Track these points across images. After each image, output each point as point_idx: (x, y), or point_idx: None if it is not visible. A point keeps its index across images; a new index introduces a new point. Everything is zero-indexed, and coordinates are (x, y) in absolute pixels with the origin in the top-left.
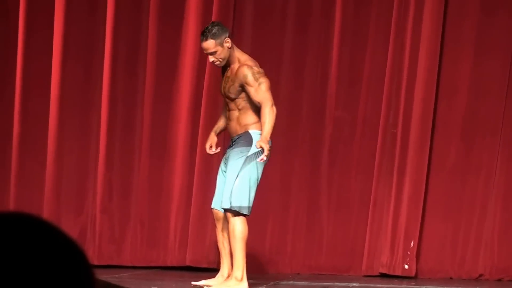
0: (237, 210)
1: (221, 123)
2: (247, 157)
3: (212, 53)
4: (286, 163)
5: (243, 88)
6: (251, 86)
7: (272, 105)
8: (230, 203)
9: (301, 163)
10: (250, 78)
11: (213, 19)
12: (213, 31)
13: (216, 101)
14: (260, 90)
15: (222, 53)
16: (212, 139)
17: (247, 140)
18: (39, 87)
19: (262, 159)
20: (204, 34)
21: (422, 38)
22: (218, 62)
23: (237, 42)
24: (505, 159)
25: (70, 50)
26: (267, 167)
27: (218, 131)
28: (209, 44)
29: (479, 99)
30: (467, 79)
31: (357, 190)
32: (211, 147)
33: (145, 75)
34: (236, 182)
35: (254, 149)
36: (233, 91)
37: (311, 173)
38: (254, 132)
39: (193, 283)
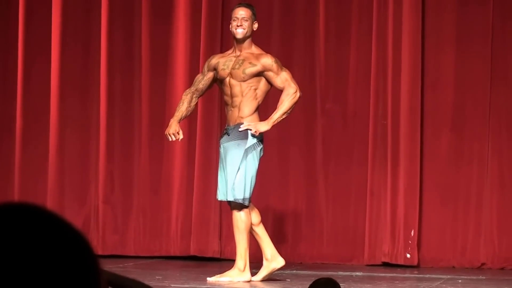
0: (241, 202)
1: (184, 111)
2: (245, 149)
3: (244, 19)
4: (282, 155)
5: (260, 74)
6: (275, 73)
7: (293, 89)
8: (234, 195)
9: (297, 155)
10: (272, 61)
11: (203, 18)
12: (254, 8)
13: (210, 94)
14: (280, 74)
15: (250, 27)
16: (178, 126)
17: (243, 132)
18: (40, 83)
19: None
20: (244, 4)
21: (403, 32)
22: (241, 30)
23: (226, 41)
24: (496, 148)
25: (67, 48)
26: (264, 159)
27: (181, 119)
28: (248, 11)
29: (464, 90)
30: (451, 71)
31: (353, 180)
32: (178, 133)
33: (140, 70)
34: (238, 175)
35: (250, 141)
36: (249, 72)
37: (307, 164)
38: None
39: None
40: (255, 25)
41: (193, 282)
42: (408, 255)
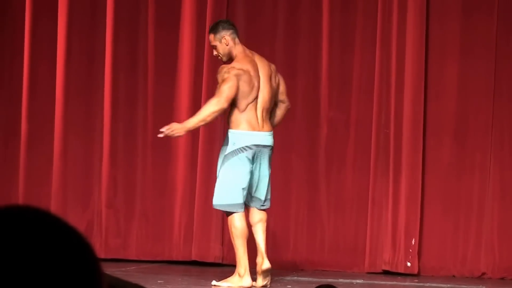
0: (218, 208)
1: None
2: (225, 156)
3: (213, 47)
4: (285, 163)
5: None
6: (217, 83)
7: (215, 98)
8: (213, 201)
9: (299, 163)
10: (218, 76)
11: (207, 26)
12: (214, 26)
13: None
14: (218, 86)
15: (220, 48)
16: None
17: (227, 139)
18: (45, 88)
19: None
20: (210, 28)
21: (407, 41)
22: (219, 57)
23: None
24: (497, 157)
25: (72, 53)
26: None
27: None
28: (210, 37)
29: (467, 99)
30: (454, 80)
31: (355, 188)
32: None
33: (146, 76)
34: (217, 181)
35: (230, 148)
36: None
37: (309, 172)
38: (230, 131)
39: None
40: (224, 40)
41: (193, 287)
42: (409, 264)
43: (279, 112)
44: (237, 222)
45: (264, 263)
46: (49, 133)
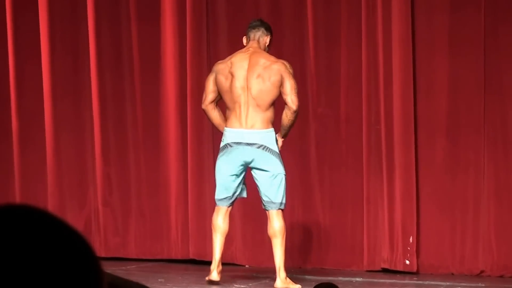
0: None
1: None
2: None
3: None
4: None
5: None
6: None
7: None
8: None
9: (290, 160)
10: None
11: (188, 20)
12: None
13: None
14: None
15: None
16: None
17: None
18: (32, 87)
19: None
20: None
21: (393, 36)
22: None
23: (213, 46)
24: (491, 154)
25: (56, 51)
26: None
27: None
28: None
29: (458, 96)
30: (443, 76)
31: (349, 186)
32: None
33: (132, 73)
34: None
35: (221, 144)
36: None
37: (302, 171)
38: (224, 129)
39: None
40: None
41: (194, 285)
42: (407, 262)
43: (283, 113)
44: (213, 215)
45: (276, 282)
46: (41, 130)
